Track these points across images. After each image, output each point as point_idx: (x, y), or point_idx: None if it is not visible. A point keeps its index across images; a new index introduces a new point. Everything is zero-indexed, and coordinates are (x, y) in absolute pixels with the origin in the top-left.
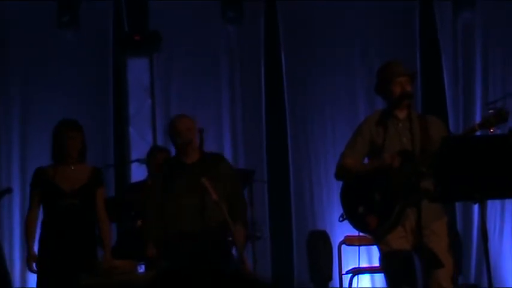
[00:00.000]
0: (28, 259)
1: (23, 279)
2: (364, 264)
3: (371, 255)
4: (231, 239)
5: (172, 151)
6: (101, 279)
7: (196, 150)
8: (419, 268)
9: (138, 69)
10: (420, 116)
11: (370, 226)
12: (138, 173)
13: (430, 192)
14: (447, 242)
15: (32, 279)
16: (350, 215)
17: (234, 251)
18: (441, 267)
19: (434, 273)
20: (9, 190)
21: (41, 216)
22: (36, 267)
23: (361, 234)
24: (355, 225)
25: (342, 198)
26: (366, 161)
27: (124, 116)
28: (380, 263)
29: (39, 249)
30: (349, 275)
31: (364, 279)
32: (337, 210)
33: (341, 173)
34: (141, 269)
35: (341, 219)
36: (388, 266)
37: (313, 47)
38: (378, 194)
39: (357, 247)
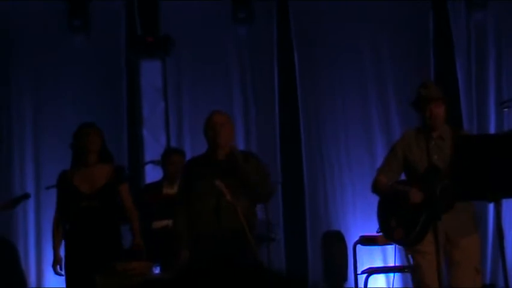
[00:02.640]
0: (54, 262)
1: (39, 281)
2: (379, 264)
3: (386, 255)
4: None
5: (188, 153)
6: (117, 280)
7: (226, 147)
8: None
9: (151, 72)
10: (454, 132)
11: (397, 238)
12: (152, 174)
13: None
14: (476, 259)
15: (47, 280)
16: (382, 227)
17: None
18: (464, 284)
19: None
20: (26, 196)
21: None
22: (61, 269)
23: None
24: (387, 237)
25: (378, 211)
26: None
27: (137, 118)
28: (413, 273)
29: (64, 252)
30: (365, 275)
31: (380, 280)
32: (352, 210)
33: (375, 188)
34: (157, 270)
35: (378, 230)
36: (418, 269)
37: (326, 46)
38: (405, 207)
39: (374, 247)
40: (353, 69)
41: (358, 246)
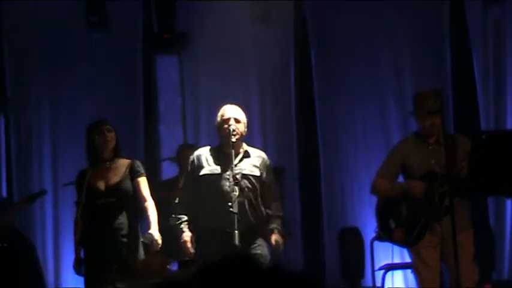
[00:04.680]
0: (75, 262)
1: (57, 280)
2: (396, 260)
3: (403, 251)
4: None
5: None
6: (135, 280)
7: (240, 143)
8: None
9: (167, 67)
10: (450, 137)
11: (397, 239)
12: (168, 171)
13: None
14: (472, 252)
15: (65, 281)
16: (381, 228)
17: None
18: (465, 277)
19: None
20: (43, 192)
21: None
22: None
23: None
24: (386, 238)
25: (376, 212)
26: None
27: (154, 114)
28: (412, 268)
29: (83, 252)
30: (382, 271)
31: (397, 275)
32: (369, 206)
33: (374, 190)
34: (174, 266)
35: (376, 229)
36: (417, 273)
37: (343, 44)
38: (405, 209)
39: (390, 243)
40: (369, 65)
41: (376, 242)
